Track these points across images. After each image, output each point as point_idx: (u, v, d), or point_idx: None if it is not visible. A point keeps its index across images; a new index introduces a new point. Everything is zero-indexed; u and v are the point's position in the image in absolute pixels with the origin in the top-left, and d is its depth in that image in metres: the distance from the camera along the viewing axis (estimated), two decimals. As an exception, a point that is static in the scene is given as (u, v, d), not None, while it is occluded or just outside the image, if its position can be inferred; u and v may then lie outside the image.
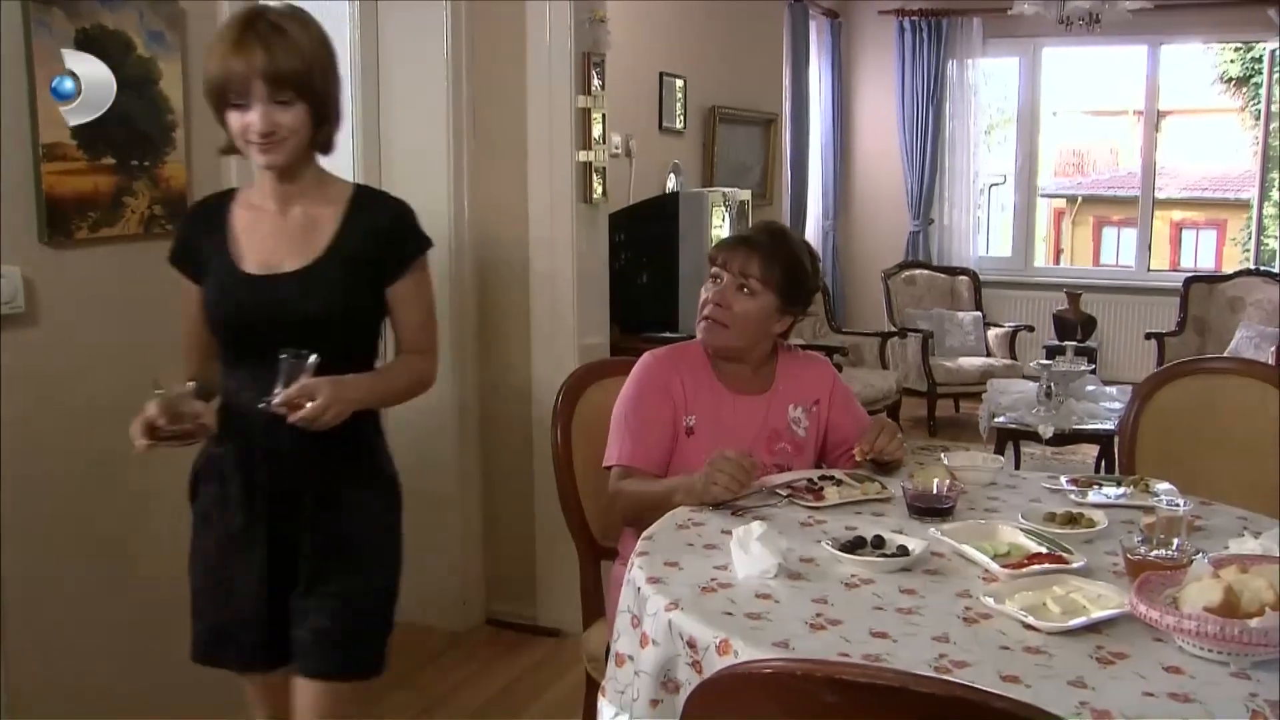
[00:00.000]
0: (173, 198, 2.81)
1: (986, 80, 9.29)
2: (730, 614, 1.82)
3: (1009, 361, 7.76)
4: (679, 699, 1.81)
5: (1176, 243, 12.35)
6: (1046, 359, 5.88)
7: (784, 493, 2.47)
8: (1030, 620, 1.77)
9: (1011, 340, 7.98)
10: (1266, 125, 8.47)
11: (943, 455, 2.63)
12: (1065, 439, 5.55)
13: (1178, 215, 12.20)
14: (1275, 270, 7.89)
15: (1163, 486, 2.52)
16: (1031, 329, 8.15)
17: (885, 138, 9.13)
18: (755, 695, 1.24)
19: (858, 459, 2.62)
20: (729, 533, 2.14)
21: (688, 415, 2.67)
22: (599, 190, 4.18)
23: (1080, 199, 12.36)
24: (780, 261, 2.67)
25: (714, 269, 2.70)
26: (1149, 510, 2.35)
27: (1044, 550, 2.05)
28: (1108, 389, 5.82)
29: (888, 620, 1.81)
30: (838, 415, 2.84)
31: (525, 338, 4.17)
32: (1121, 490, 2.52)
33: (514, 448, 4.20)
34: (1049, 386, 5.44)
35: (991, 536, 2.16)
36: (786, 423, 2.76)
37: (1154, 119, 8.93)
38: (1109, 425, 5.30)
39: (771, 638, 1.72)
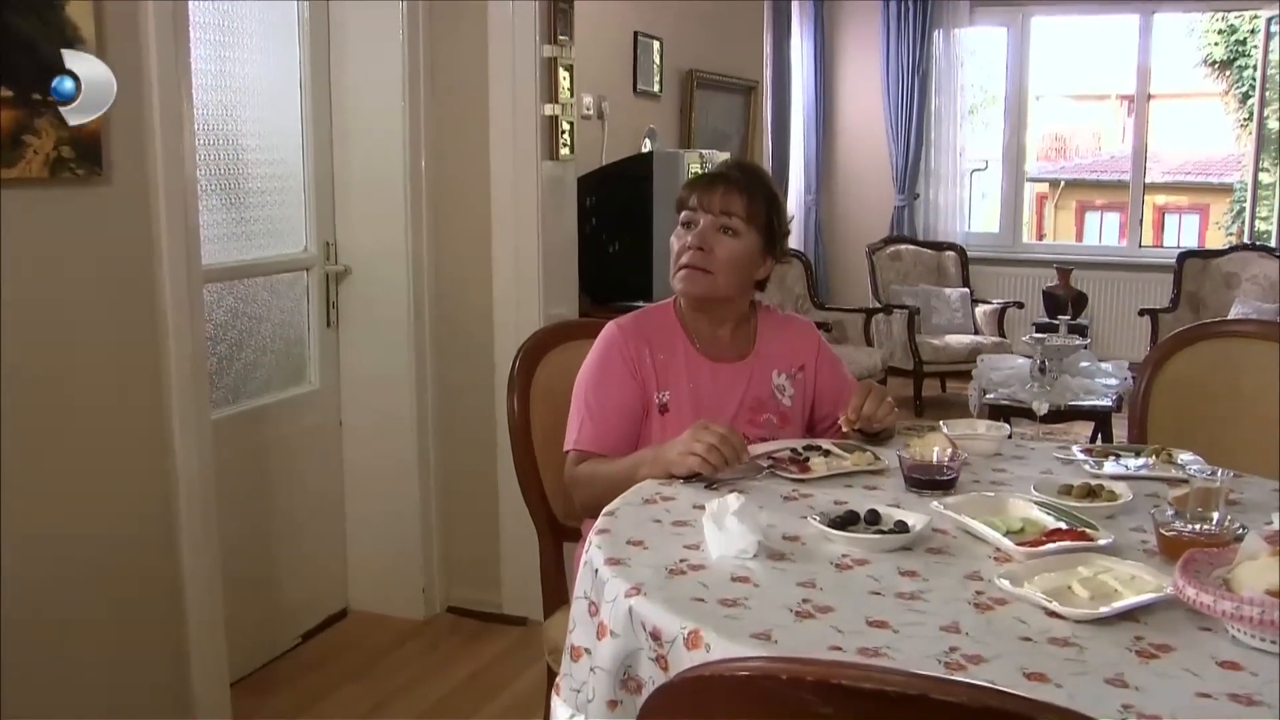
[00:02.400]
0: (84, 139, 2.51)
1: (972, 54, 9.00)
2: (702, 600, 1.55)
3: (997, 339, 7.52)
4: (641, 700, 1.54)
5: (1160, 227, 12.24)
6: (1038, 334, 5.62)
7: (765, 464, 2.20)
8: (1054, 606, 1.50)
9: (1000, 317, 7.73)
10: (1262, 96, 8.23)
11: (942, 423, 2.36)
12: (1059, 416, 5.30)
13: (1161, 199, 12.08)
14: (1272, 245, 7.64)
15: (1187, 457, 2.26)
16: (1021, 305, 7.90)
17: (869, 110, 8.84)
18: (728, 704, 0.97)
19: (844, 428, 2.35)
20: (702, 508, 1.87)
21: (660, 391, 2.39)
22: (566, 147, 3.89)
23: (1063, 183, 12.22)
24: (762, 197, 2.41)
25: (686, 212, 2.42)
26: (1175, 482, 2.12)
27: (1063, 526, 1.79)
28: (1103, 365, 5.58)
29: (886, 607, 1.54)
30: (825, 382, 2.56)
31: (487, 307, 3.89)
32: (1142, 461, 2.26)
33: (475, 423, 3.92)
34: (1043, 362, 5.18)
35: (1001, 511, 1.89)
36: (770, 390, 2.48)
37: (1145, 91, 8.66)
38: (1106, 401, 5.06)
39: (750, 628, 1.45)
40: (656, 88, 5.82)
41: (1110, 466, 2.23)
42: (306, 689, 3.52)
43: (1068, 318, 5.57)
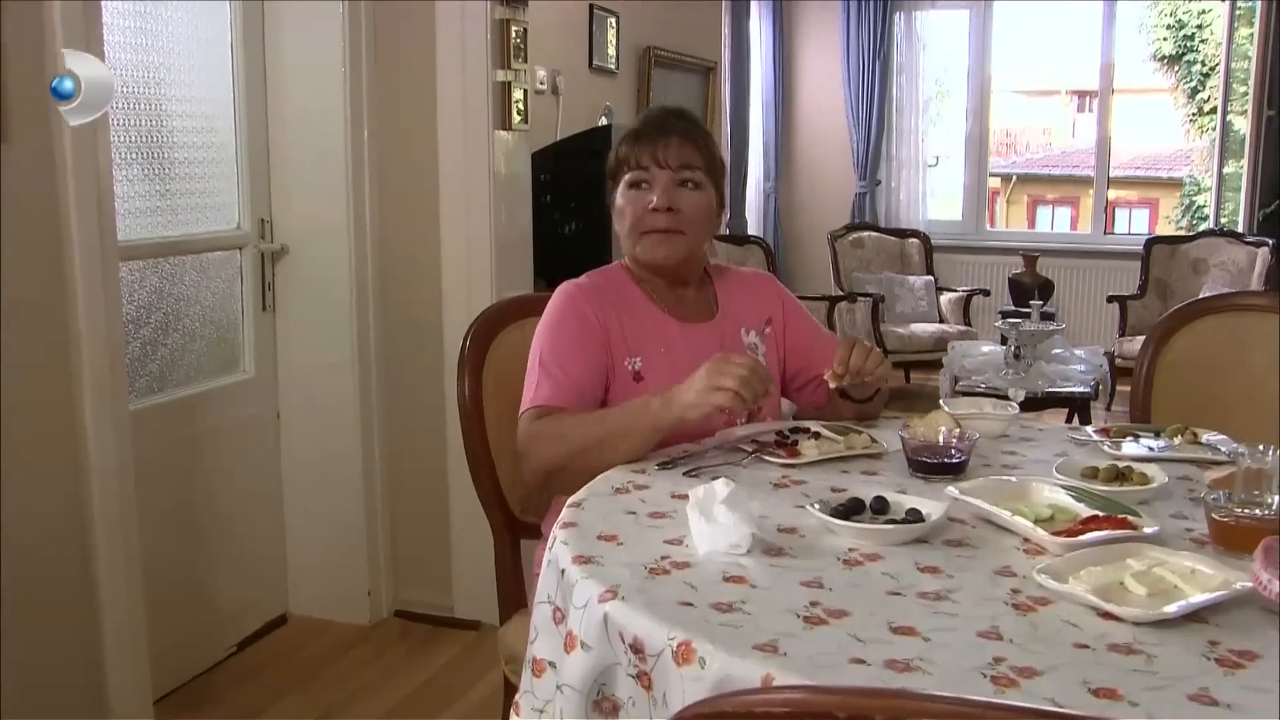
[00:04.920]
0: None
1: (933, 40, 8.80)
2: (690, 605, 1.30)
3: (963, 328, 7.33)
4: (619, 725, 1.30)
5: (1110, 221, 12.27)
6: (1012, 320, 5.42)
7: (748, 447, 1.96)
8: (1110, 607, 1.26)
9: (966, 305, 7.54)
10: (1227, 80, 8.11)
11: (942, 401, 2.13)
12: (1032, 404, 5.09)
13: (1111, 194, 12.10)
14: (1239, 230, 7.52)
15: (1213, 436, 2.05)
16: (987, 293, 7.71)
17: (830, 94, 8.63)
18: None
19: (831, 384, 2.05)
20: (683, 497, 1.63)
21: (631, 358, 2.12)
22: (519, 117, 3.62)
23: (1015, 178, 12.22)
24: (710, 143, 2.20)
25: (636, 172, 2.16)
26: (1205, 463, 1.91)
27: (1099, 513, 1.55)
28: (1076, 351, 5.39)
29: (910, 610, 1.30)
30: (796, 334, 2.32)
31: (436, 288, 3.61)
32: (1164, 441, 2.04)
33: (424, 413, 3.65)
34: (1017, 348, 4.99)
35: (1025, 497, 1.66)
36: (744, 350, 2.23)
37: (1110, 84, 8.52)
38: (1085, 388, 4.88)
39: (752, 638, 1.20)
40: (613, 65, 5.56)
41: (1130, 447, 2.01)
42: (242, 702, 3.25)
43: (1040, 304, 5.36)
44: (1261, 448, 1.67)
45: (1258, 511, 1.49)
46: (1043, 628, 1.25)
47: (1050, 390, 4.96)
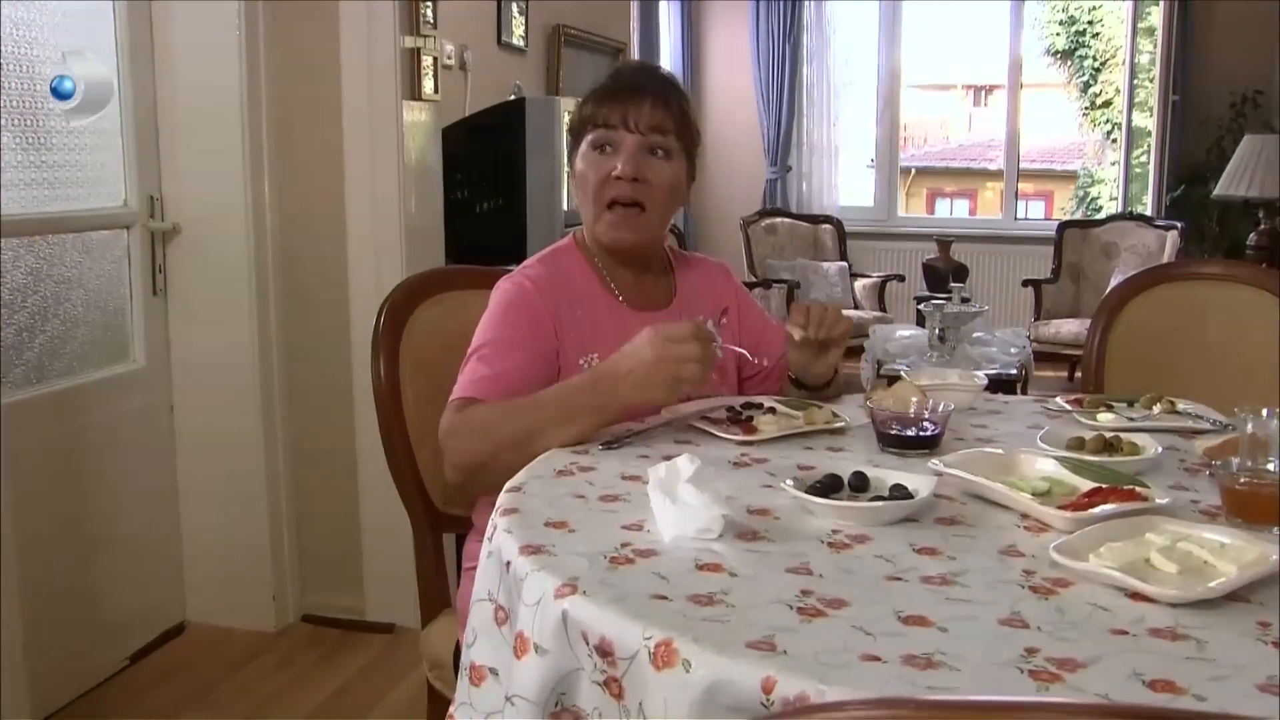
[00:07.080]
0: None
1: (841, 29, 8.72)
2: (664, 598, 1.12)
3: (878, 314, 7.26)
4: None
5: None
6: (936, 302, 5.32)
7: (699, 425, 1.78)
8: (1145, 588, 1.11)
9: (880, 291, 7.48)
10: (1131, 70, 8.19)
11: (903, 372, 1.98)
12: (957, 388, 5.00)
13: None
14: (1149, 214, 7.57)
15: (1189, 405, 1.93)
16: (902, 279, 7.66)
17: (739, 79, 8.50)
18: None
19: (795, 336, 1.90)
20: (633, 479, 1.46)
21: (586, 355, 1.91)
22: (430, 87, 3.41)
23: (914, 171, 12.31)
24: (687, 108, 1.99)
25: (601, 131, 1.93)
26: (1191, 433, 1.80)
27: (1102, 485, 1.40)
28: (997, 334, 5.33)
29: (916, 597, 1.13)
30: (748, 325, 2.17)
31: (342, 268, 3.39)
32: (1141, 411, 1.91)
33: (330, 402, 3.42)
34: (942, 330, 4.89)
35: (1014, 470, 1.50)
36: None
37: (1017, 80, 8.57)
38: (1011, 370, 4.80)
39: (743, 635, 1.02)
40: (522, 42, 5.36)
41: (1106, 418, 1.87)
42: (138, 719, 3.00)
43: (961, 286, 5.27)
44: (1266, 413, 1.54)
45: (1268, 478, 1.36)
46: (1070, 612, 1.09)
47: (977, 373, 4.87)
